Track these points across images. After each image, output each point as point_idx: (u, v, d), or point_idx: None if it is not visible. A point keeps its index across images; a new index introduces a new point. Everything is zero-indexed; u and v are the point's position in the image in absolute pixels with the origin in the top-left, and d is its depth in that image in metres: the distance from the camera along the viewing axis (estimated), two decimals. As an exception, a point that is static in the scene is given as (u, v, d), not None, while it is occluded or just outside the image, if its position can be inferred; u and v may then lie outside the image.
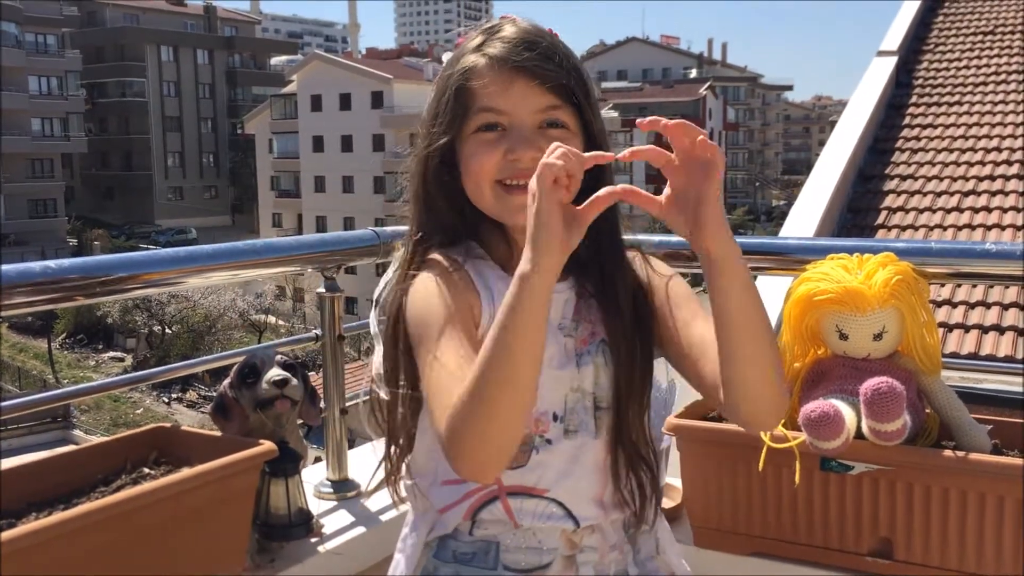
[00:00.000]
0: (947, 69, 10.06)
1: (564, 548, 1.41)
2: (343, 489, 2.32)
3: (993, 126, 8.87)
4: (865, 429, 1.70)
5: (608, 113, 57.56)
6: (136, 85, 70.72)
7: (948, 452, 1.77)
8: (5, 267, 1.60)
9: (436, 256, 1.42)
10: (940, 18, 11.11)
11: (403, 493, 1.51)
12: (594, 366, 1.41)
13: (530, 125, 1.38)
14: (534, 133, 1.37)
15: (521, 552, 1.40)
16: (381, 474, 1.53)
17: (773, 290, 6.00)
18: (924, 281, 1.83)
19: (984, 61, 9.96)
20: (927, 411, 1.85)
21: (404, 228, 1.53)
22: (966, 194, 8.02)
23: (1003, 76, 9.57)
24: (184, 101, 73.80)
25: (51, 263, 1.66)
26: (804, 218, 7.31)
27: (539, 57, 1.37)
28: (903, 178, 8.49)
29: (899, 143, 9.04)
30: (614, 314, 1.42)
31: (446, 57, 1.49)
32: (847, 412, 1.69)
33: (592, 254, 1.42)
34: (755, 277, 1.92)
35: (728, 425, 1.96)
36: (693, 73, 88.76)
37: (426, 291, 1.37)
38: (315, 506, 2.15)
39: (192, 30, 76.01)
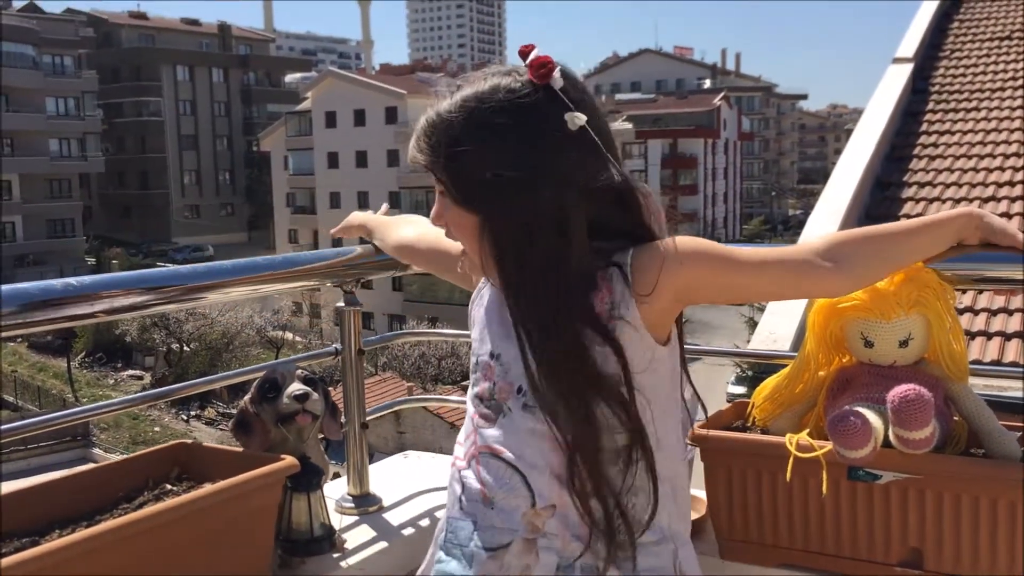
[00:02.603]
0: (964, 75, 10.02)
1: (526, 530, 1.44)
2: (365, 504, 2.31)
3: (1012, 131, 8.81)
4: (892, 437, 1.67)
5: (622, 125, 57.42)
6: (152, 104, 71.30)
7: (977, 460, 1.74)
8: (28, 285, 1.60)
9: None
10: (956, 24, 11.06)
11: None
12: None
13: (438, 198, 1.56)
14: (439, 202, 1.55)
15: (490, 530, 1.46)
16: None
17: (791, 301, 5.98)
18: (949, 287, 1.81)
19: (1001, 66, 9.91)
20: (955, 418, 1.82)
21: None
22: (985, 200, 7.97)
23: (1020, 81, 9.52)
24: (200, 119, 74.35)
25: (72, 280, 1.66)
26: (822, 227, 7.29)
27: (420, 135, 1.54)
28: (921, 185, 8.45)
29: (916, 150, 9.00)
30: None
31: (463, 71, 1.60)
32: (874, 420, 1.66)
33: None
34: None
35: (753, 435, 1.94)
36: (707, 83, 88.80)
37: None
38: (337, 521, 2.14)
39: (207, 49, 76.63)
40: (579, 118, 1.41)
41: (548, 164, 1.40)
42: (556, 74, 1.42)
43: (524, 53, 1.45)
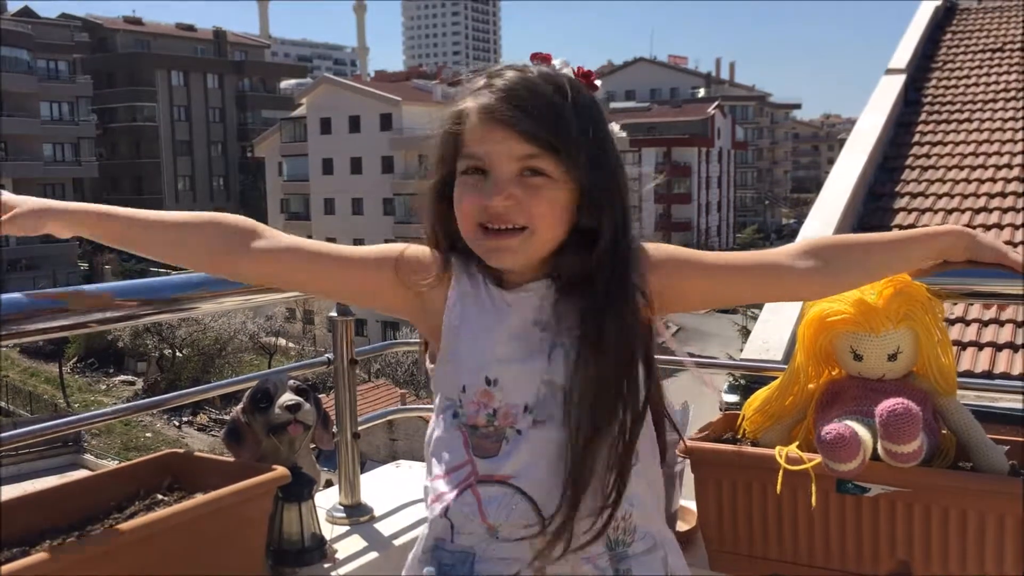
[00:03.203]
0: (956, 86, 10.06)
1: (533, 559, 1.42)
2: (356, 514, 2.31)
3: (1003, 143, 8.85)
4: (881, 451, 1.68)
5: (617, 133, 57.23)
6: (147, 110, 71.22)
7: (965, 473, 1.75)
8: (21, 295, 1.60)
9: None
10: (948, 36, 11.12)
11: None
12: (567, 361, 1.43)
13: (508, 172, 1.42)
14: (510, 180, 1.42)
15: (493, 562, 1.43)
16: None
17: (788, 310, 6.00)
18: (938, 301, 1.82)
19: (993, 78, 9.95)
20: (943, 432, 1.83)
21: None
22: (977, 211, 8.00)
23: (1012, 93, 9.56)
24: (194, 125, 74.27)
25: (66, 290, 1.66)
26: (814, 237, 7.30)
27: (517, 109, 1.41)
28: (913, 196, 8.48)
29: (909, 161, 9.03)
30: (594, 312, 1.44)
31: (462, 75, 1.54)
32: (863, 433, 1.67)
33: (569, 265, 1.47)
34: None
35: (743, 447, 1.95)
36: (701, 92, 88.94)
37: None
38: (328, 531, 2.15)
39: (202, 55, 76.59)
40: (617, 128, 1.54)
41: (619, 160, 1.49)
42: (599, 84, 1.54)
43: (545, 59, 1.50)
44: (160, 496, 1.80)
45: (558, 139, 1.41)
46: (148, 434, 29.13)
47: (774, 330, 6.25)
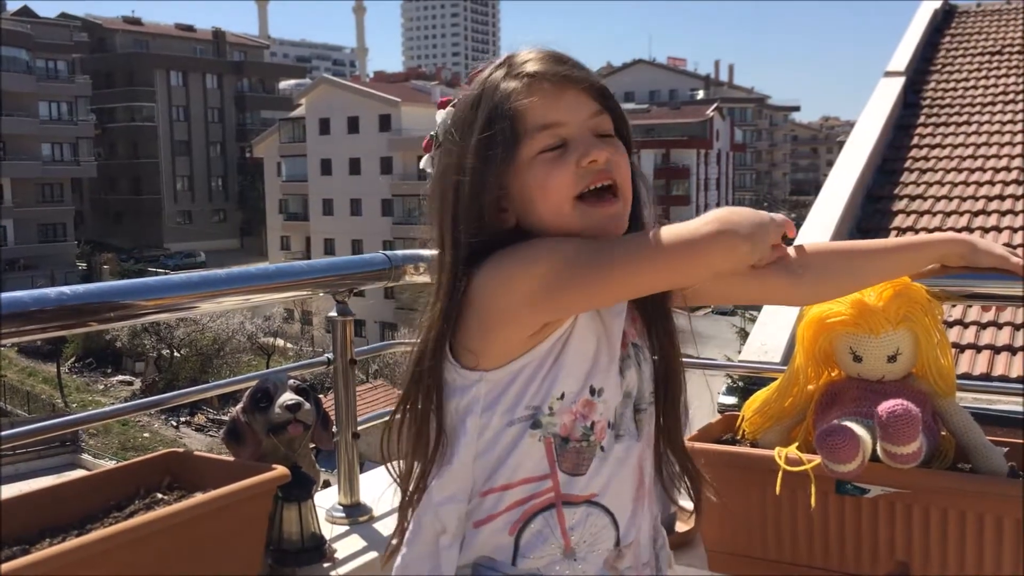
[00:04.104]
0: (955, 89, 10.07)
1: (606, 572, 1.38)
2: (355, 514, 2.31)
3: (1002, 145, 8.87)
4: (880, 452, 1.69)
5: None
6: (145, 110, 71.22)
7: (964, 475, 1.75)
8: (20, 294, 1.60)
9: None
10: (947, 39, 11.13)
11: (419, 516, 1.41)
12: (633, 369, 1.41)
13: (588, 131, 1.36)
14: (594, 137, 1.36)
15: None
16: (393, 498, 1.48)
17: (786, 313, 6.00)
18: (937, 303, 1.82)
19: (992, 81, 9.96)
20: (942, 433, 1.83)
21: (414, 252, 1.52)
22: (976, 214, 8.01)
23: (1011, 96, 9.58)
24: (193, 125, 74.27)
25: (66, 289, 1.66)
26: (813, 239, 7.30)
27: (573, 66, 1.38)
28: (912, 198, 8.48)
29: (907, 163, 9.04)
30: (654, 311, 1.45)
31: (463, 78, 1.51)
32: (862, 435, 1.68)
33: None
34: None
35: (742, 448, 1.95)
36: (700, 94, 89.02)
37: (501, 266, 1.33)
38: (327, 531, 2.15)
39: (201, 55, 76.57)
40: None
41: None
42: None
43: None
44: (160, 495, 1.80)
45: (612, 96, 1.40)
46: (146, 434, 29.11)
47: (773, 332, 6.26)
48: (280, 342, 39.03)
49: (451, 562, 1.36)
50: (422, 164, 1.54)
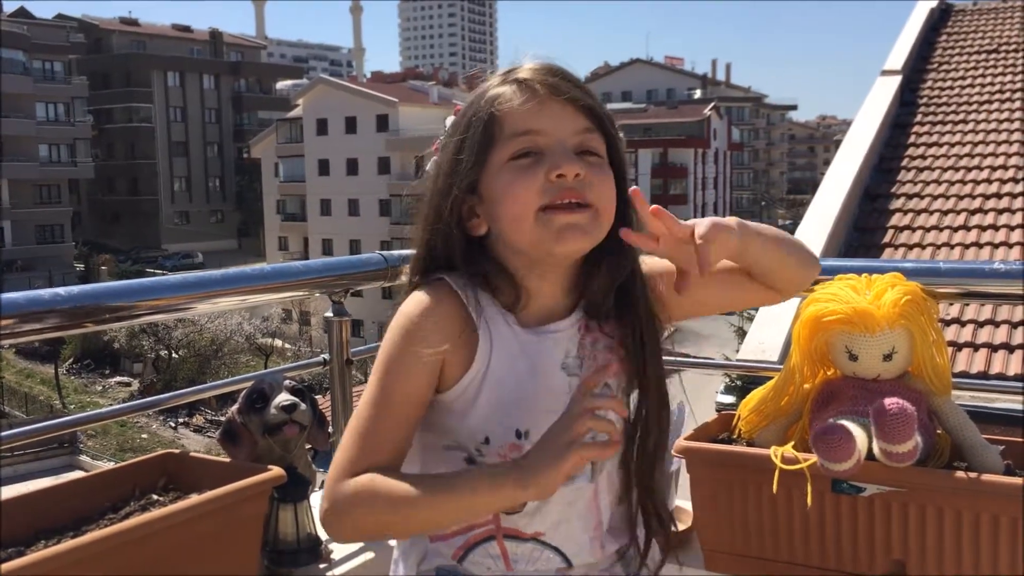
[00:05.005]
0: (951, 88, 10.08)
1: None
2: (352, 514, 2.30)
3: (999, 144, 8.88)
4: (876, 450, 1.69)
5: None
6: (143, 111, 71.23)
7: (960, 473, 1.75)
8: (15, 295, 1.59)
9: (444, 278, 1.37)
10: (944, 37, 11.14)
11: None
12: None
13: (567, 146, 1.32)
14: (572, 152, 1.32)
15: None
16: None
17: (780, 311, 6.00)
18: (933, 301, 1.82)
19: (988, 79, 9.98)
20: (938, 432, 1.83)
21: (410, 252, 1.51)
22: (973, 212, 8.02)
23: (1008, 94, 9.59)
24: (190, 126, 74.27)
25: (60, 290, 1.66)
26: (811, 237, 7.31)
27: (567, 81, 1.34)
28: (909, 197, 8.49)
29: (904, 162, 9.05)
30: (635, 353, 1.39)
31: (461, 81, 1.51)
32: (858, 433, 1.68)
33: (605, 282, 1.39)
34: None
35: (739, 447, 1.95)
36: (697, 93, 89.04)
37: (406, 322, 1.33)
38: (323, 532, 2.14)
39: (198, 55, 76.60)
40: None
41: None
42: None
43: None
44: (155, 496, 1.80)
45: (606, 116, 1.35)
46: (144, 435, 29.11)
47: (770, 331, 6.26)
48: (278, 343, 39.03)
49: (412, 564, 1.43)
50: (428, 168, 1.55)
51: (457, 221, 1.37)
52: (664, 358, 1.46)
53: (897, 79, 10.02)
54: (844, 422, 1.69)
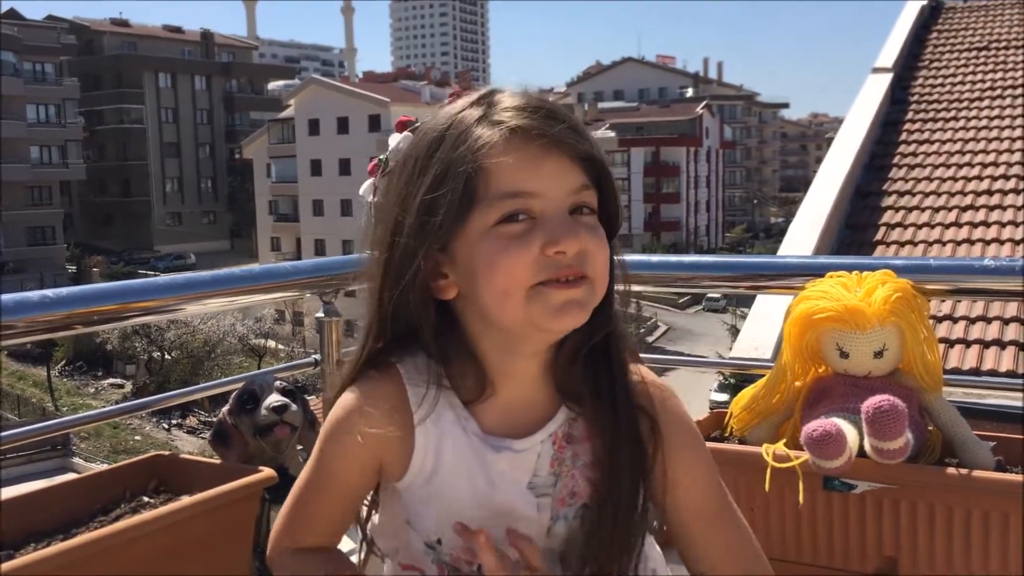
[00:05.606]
0: (942, 85, 10.11)
1: None
2: (344, 515, 2.30)
3: (990, 140, 8.90)
4: (867, 447, 1.69)
5: (605, 133, 57.68)
6: (134, 112, 71.09)
7: (951, 470, 1.75)
8: (2, 297, 1.59)
9: (395, 364, 1.23)
10: (934, 34, 11.17)
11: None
12: (568, 530, 1.22)
13: (564, 210, 1.12)
14: (570, 220, 1.12)
15: None
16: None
17: (773, 309, 6.01)
18: (924, 298, 1.83)
19: (979, 76, 10.01)
20: (929, 428, 1.84)
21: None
22: (964, 209, 8.04)
23: (998, 91, 9.61)
24: (182, 127, 74.17)
25: (49, 292, 1.65)
26: (803, 235, 7.33)
27: (568, 128, 1.13)
28: (900, 194, 8.51)
29: (896, 159, 9.07)
30: (607, 473, 1.21)
31: (444, 83, 1.44)
32: (849, 431, 1.68)
33: (588, 387, 1.22)
34: (755, 296, 1.91)
35: (730, 445, 1.95)
36: (689, 92, 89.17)
37: (344, 415, 1.23)
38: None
39: (190, 56, 76.48)
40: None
41: None
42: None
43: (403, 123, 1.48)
44: (146, 498, 1.79)
45: (604, 164, 1.16)
46: (137, 437, 29.04)
47: (764, 329, 6.26)
48: (271, 343, 38.97)
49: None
50: (361, 191, 1.43)
51: (423, 287, 1.17)
52: (658, 356, 1.39)
53: (888, 77, 10.04)
54: (835, 419, 1.69)
